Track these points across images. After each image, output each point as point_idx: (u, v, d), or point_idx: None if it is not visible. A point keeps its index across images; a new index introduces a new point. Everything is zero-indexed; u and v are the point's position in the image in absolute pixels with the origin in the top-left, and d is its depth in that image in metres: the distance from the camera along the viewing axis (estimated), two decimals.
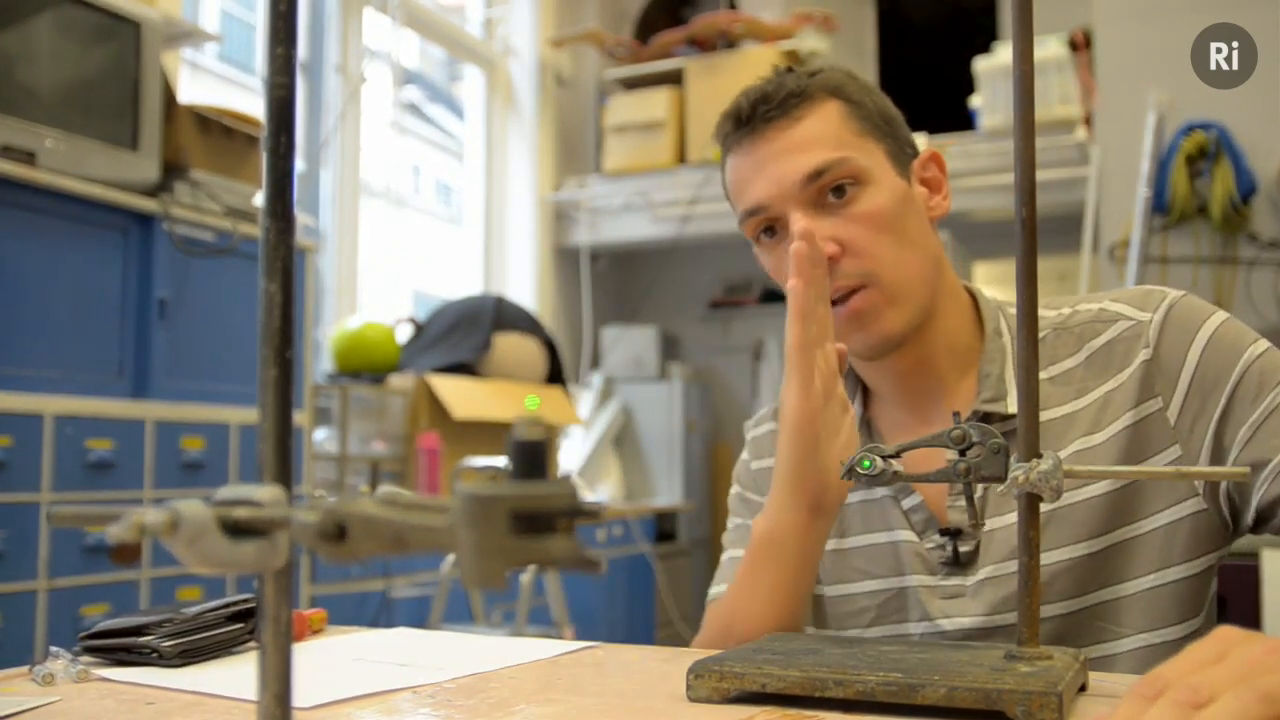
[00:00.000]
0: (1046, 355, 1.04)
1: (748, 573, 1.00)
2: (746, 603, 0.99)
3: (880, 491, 1.08)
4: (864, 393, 1.15)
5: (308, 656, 0.93)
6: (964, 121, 4.12)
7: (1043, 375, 1.03)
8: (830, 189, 1.02)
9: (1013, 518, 1.00)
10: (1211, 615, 1.02)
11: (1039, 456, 0.71)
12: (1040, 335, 1.04)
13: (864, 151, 1.03)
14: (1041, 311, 1.06)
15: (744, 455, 1.24)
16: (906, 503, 1.07)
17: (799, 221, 1.01)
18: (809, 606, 1.03)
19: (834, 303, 1.02)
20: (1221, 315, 0.99)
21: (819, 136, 1.02)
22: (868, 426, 1.13)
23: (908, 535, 1.06)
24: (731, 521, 1.21)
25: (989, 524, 1.02)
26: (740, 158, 1.07)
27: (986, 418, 1.02)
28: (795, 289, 0.92)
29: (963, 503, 1.03)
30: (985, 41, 4.39)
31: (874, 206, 1.02)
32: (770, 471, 1.18)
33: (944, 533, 1.04)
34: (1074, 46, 3.89)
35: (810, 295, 0.92)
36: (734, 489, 1.24)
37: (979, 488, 1.02)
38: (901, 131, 1.08)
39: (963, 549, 1.03)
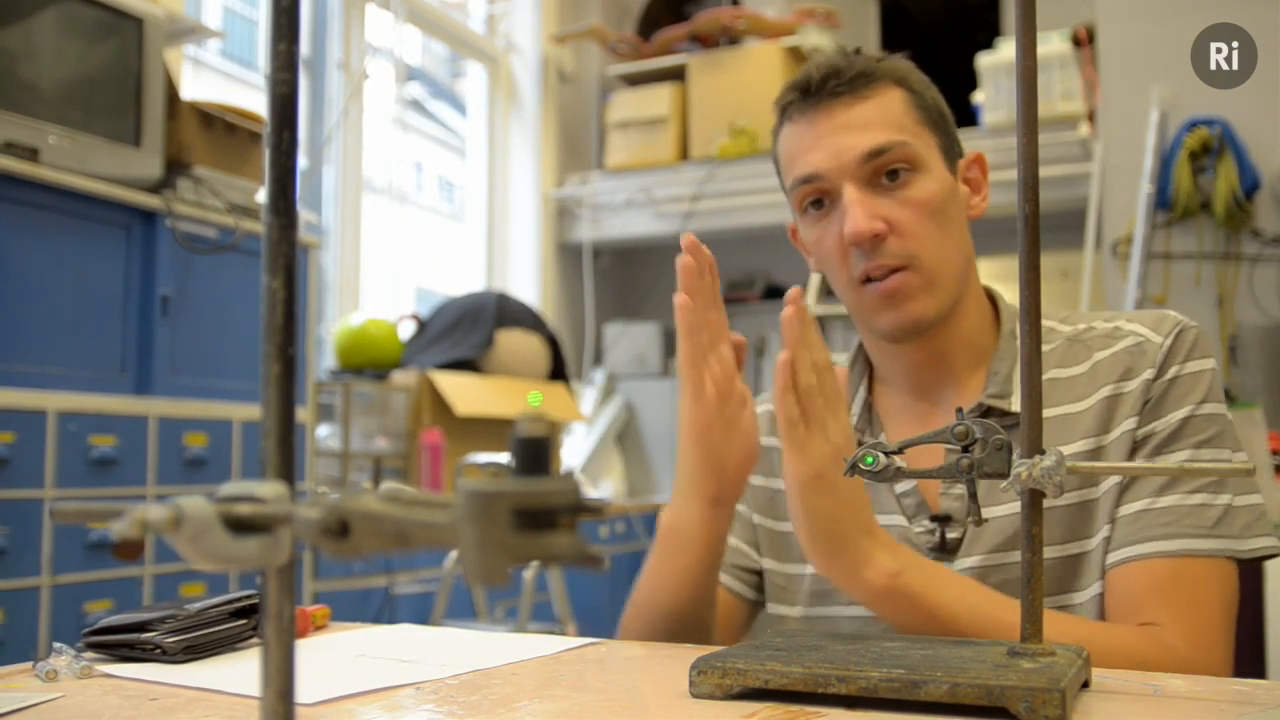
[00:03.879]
0: (1055, 360, 1.06)
1: (656, 560, 1.06)
2: (656, 589, 1.06)
3: None
4: (869, 375, 1.17)
5: (310, 653, 0.93)
6: (967, 118, 4.11)
7: (1049, 376, 1.05)
8: (886, 170, 1.04)
9: (1002, 510, 1.02)
10: None
11: (1041, 453, 0.71)
12: (1052, 345, 1.07)
13: (921, 140, 1.06)
14: (1058, 326, 1.10)
15: None
16: (900, 487, 1.09)
17: (850, 194, 1.04)
18: (715, 592, 1.08)
19: (871, 279, 1.05)
20: (1213, 363, 1.03)
21: (882, 118, 1.05)
22: (869, 410, 1.15)
23: (898, 520, 1.08)
24: None
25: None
26: (800, 126, 1.08)
27: (988, 412, 1.05)
28: (682, 305, 0.97)
29: (956, 490, 1.06)
30: (988, 38, 4.39)
31: (925, 193, 1.05)
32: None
33: (934, 519, 1.06)
34: (1077, 42, 3.88)
35: (699, 306, 0.98)
36: None
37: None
38: (952, 129, 1.12)
39: (950, 535, 1.05)
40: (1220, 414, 1.00)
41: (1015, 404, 1.04)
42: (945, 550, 1.05)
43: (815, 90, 1.06)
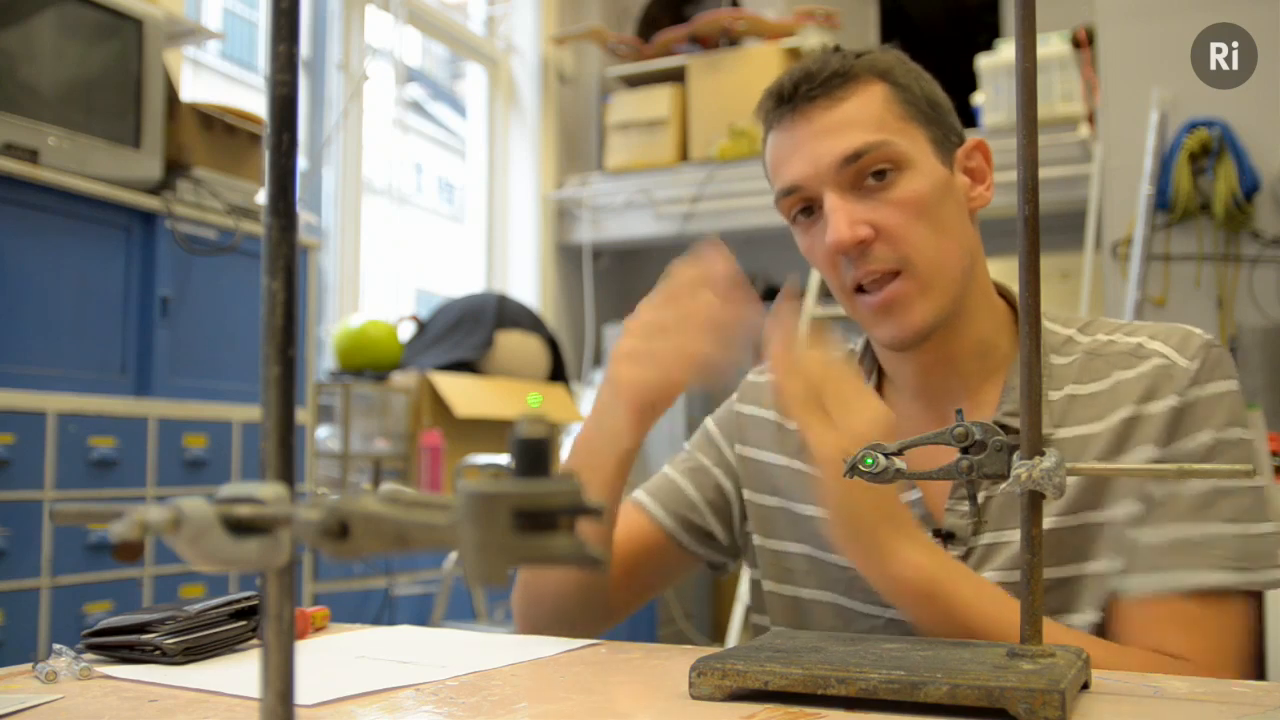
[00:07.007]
0: (1073, 375, 1.02)
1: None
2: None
3: None
4: (879, 378, 1.14)
5: (310, 654, 0.93)
6: (966, 119, 4.11)
7: (1067, 392, 1.01)
8: (869, 172, 1.01)
9: (1012, 534, 0.99)
10: None
11: (1042, 454, 0.71)
12: (1071, 358, 1.03)
13: (906, 136, 1.02)
14: (1076, 336, 1.06)
15: (733, 396, 1.25)
16: (906, 497, 1.06)
17: (831, 202, 1.01)
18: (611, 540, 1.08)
19: (864, 290, 1.02)
20: (1234, 384, 0.99)
21: (860, 118, 1.01)
22: None
23: None
24: (684, 447, 1.24)
25: (990, 538, 1.01)
26: (780, 135, 1.06)
27: (1003, 430, 1.01)
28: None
29: (961, 507, 1.02)
30: (988, 39, 4.39)
31: (912, 192, 1.00)
32: (751, 419, 1.19)
33: (936, 534, 1.03)
34: (1077, 44, 3.88)
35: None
36: (707, 420, 1.25)
37: (981, 496, 1.02)
38: (948, 119, 1.07)
39: (952, 553, 1.02)
40: (1246, 439, 0.97)
41: None
42: None
43: (789, 97, 1.04)
